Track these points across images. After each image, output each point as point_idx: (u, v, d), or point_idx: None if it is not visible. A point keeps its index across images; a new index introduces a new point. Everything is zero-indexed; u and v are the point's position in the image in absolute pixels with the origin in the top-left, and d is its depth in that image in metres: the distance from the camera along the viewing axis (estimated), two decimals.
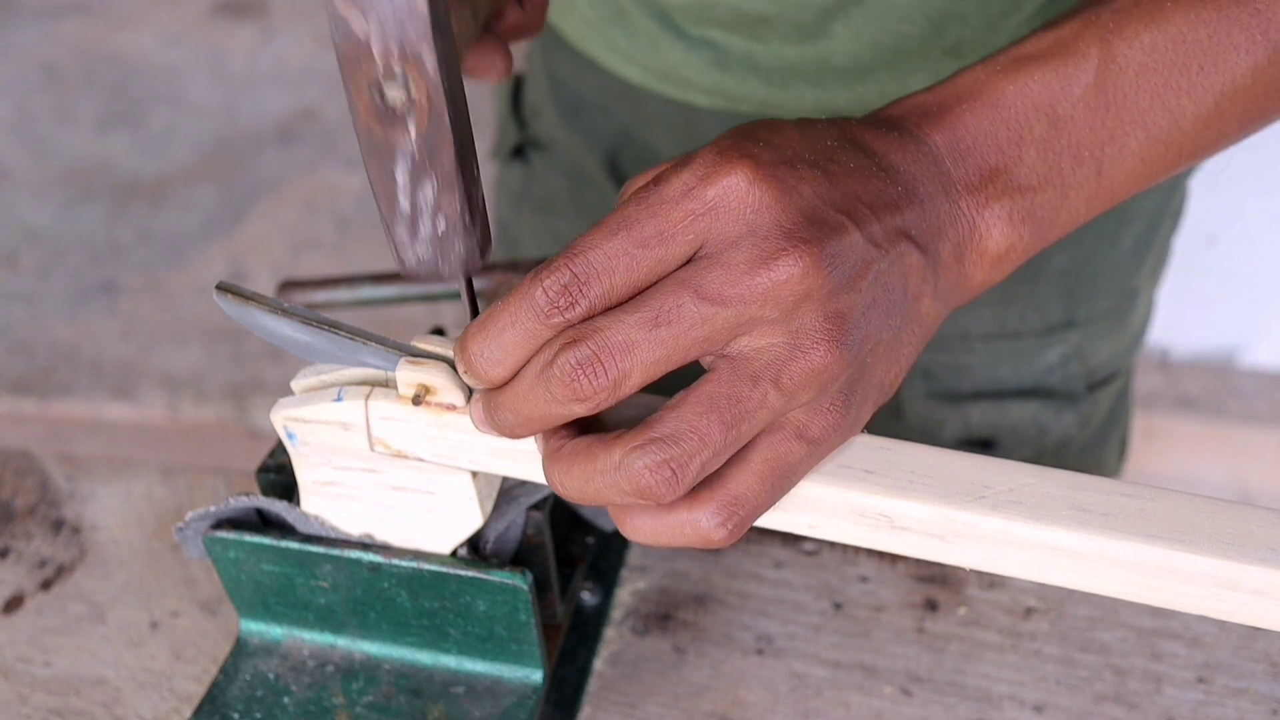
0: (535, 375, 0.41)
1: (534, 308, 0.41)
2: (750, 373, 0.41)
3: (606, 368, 0.40)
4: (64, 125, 2.36)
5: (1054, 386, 0.79)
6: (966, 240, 0.46)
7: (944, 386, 0.77)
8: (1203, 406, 1.71)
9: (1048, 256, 0.75)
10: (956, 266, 0.46)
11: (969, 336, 0.76)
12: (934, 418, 0.77)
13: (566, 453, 0.42)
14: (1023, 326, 0.77)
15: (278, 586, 0.52)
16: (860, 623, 0.59)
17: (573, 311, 0.40)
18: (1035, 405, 0.78)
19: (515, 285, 0.42)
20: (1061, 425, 0.80)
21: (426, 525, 0.50)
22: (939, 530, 0.43)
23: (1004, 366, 0.77)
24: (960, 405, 0.77)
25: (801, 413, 0.42)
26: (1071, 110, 0.47)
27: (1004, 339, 0.77)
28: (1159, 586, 0.42)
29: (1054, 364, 0.78)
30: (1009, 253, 0.47)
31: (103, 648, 0.58)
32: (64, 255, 2.03)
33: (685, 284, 0.40)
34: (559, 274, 0.40)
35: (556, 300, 0.40)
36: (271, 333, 0.46)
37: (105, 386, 1.76)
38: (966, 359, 0.77)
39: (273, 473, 0.54)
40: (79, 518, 0.65)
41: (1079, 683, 0.56)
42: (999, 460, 0.44)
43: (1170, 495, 0.43)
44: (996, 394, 0.78)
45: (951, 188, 0.46)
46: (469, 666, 0.52)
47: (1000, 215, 0.46)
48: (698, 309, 0.40)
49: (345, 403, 0.46)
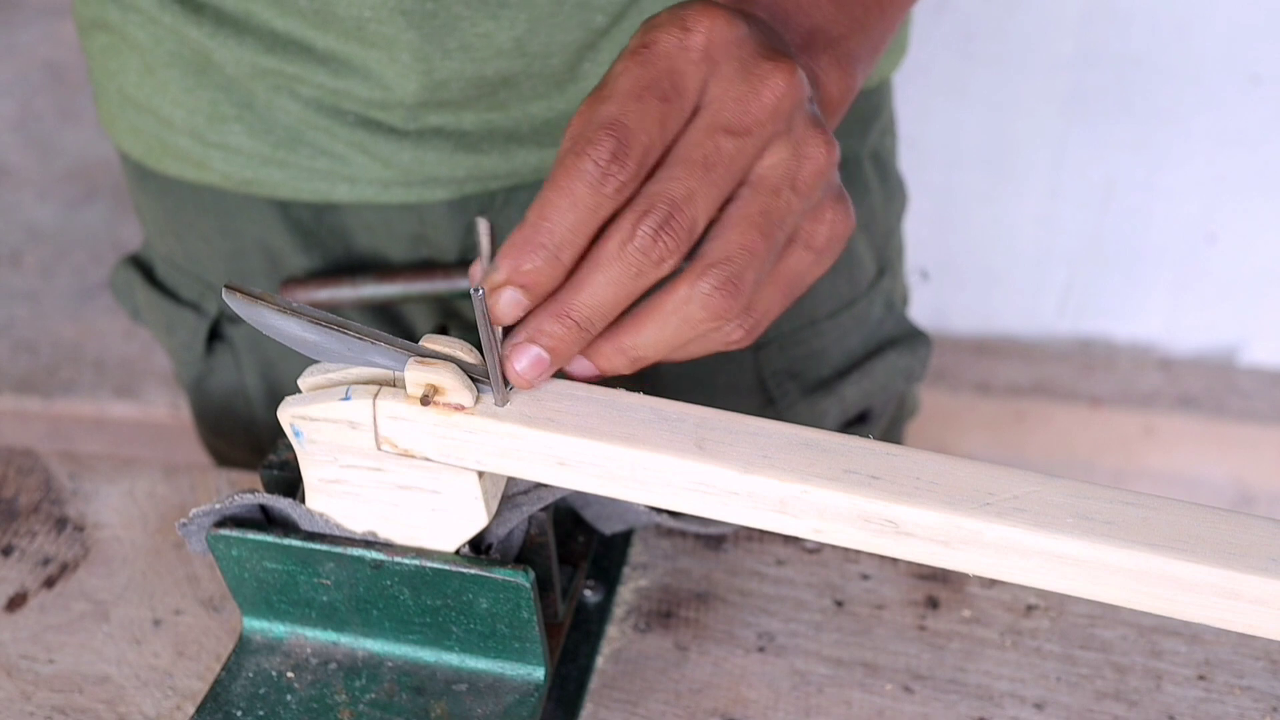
0: (616, 252, 0.42)
1: (589, 181, 0.42)
2: (770, 186, 0.45)
3: (681, 222, 0.42)
4: (67, 124, 2.36)
5: (892, 333, 0.80)
6: (818, 92, 0.50)
7: (813, 378, 0.77)
8: (1203, 405, 1.70)
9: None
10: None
11: (817, 320, 0.77)
12: (814, 411, 0.77)
13: (630, 320, 0.45)
14: (853, 291, 0.78)
15: (280, 584, 0.52)
16: (862, 620, 0.59)
17: (624, 174, 0.42)
18: (892, 356, 0.79)
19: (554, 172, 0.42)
20: (920, 361, 0.81)
21: (431, 524, 0.50)
22: (944, 537, 0.43)
23: (851, 336, 0.78)
24: (833, 389, 0.78)
25: (806, 222, 0.47)
26: None
27: (844, 310, 0.77)
28: (1161, 595, 0.42)
29: (882, 314, 0.80)
30: (843, 96, 0.52)
31: (106, 645, 0.58)
32: (67, 254, 2.03)
33: (714, 126, 0.43)
34: (604, 143, 0.42)
35: (609, 168, 0.42)
36: (280, 332, 0.46)
37: (108, 385, 1.76)
38: (820, 343, 0.77)
39: (276, 469, 0.54)
40: (82, 516, 0.65)
41: (1079, 680, 0.56)
42: (1004, 467, 0.44)
43: (1173, 504, 0.43)
44: (856, 364, 0.79)
45: (783, 45, 0.50)
46: (471, 664, 0.52)
47: (829, 64, 0.51)
48: (733, 143, 0.43)
49: (353, 401, 0.46)
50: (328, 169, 0.70)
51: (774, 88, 0.44)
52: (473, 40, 0.63)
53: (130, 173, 0.79)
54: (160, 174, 0.75)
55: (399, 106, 0.66)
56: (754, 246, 0.44)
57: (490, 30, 0.63)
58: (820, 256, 0.48)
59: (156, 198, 0.77)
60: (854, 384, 0.78)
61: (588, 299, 0.43)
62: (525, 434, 0.45)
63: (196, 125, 0.70)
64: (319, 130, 0.68)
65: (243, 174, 0.71)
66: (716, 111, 0.44)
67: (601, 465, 0.45)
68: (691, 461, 0.44)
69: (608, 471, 0.45)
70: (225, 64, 0.68)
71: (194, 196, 0.74)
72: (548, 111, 0.67)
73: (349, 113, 0.67)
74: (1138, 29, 1.53)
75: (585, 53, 0.65)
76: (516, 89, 0.66)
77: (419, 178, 0.69)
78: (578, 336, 0.44)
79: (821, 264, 0.48)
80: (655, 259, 0.42)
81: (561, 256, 0.43)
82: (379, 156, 0.68)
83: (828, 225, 0.47)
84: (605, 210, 0.43)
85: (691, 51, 0.44)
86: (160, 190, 0.76)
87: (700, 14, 0.44)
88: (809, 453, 0.44)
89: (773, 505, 0.44)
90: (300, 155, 0.70)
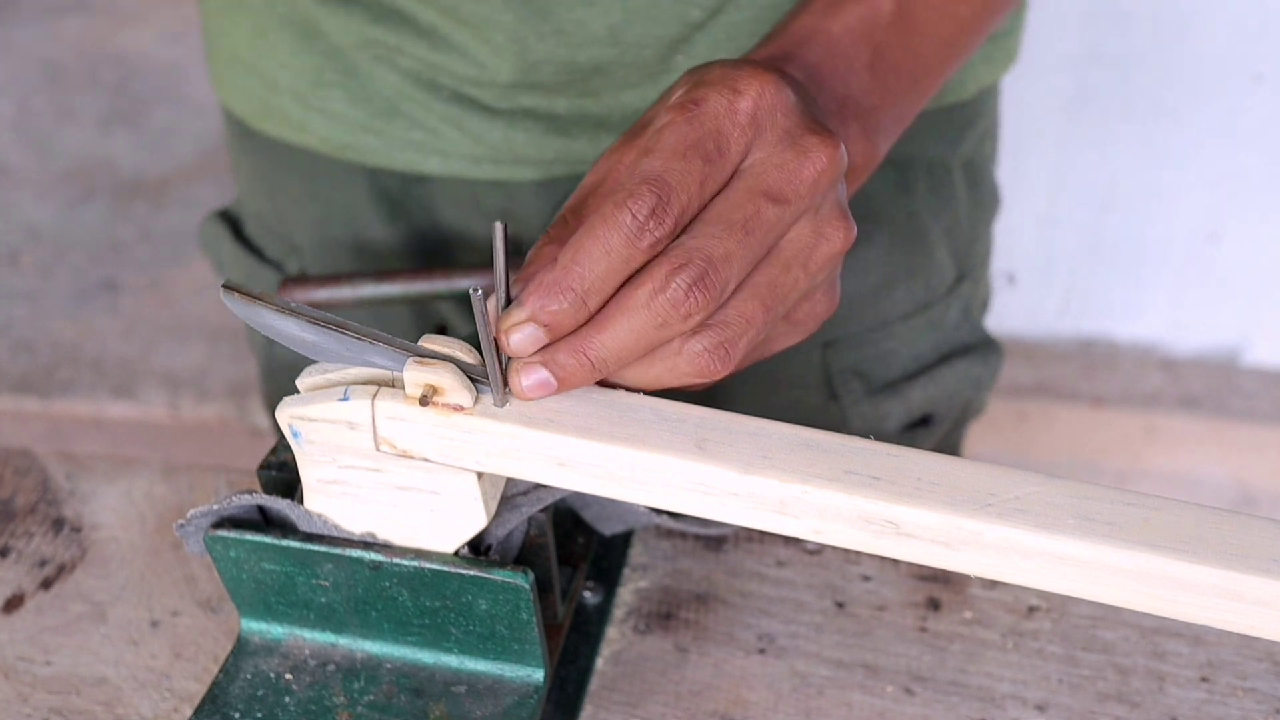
0: (644, 303, 0.43)
1: (626, 233, 0.42)
2: (784, 260, 0.46)
3: (714, 281, 0.43)
4: (65, 123, 2.36)
5: (965, 340, 0.81)
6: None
7: (880, 379, 0.77)
8: (1205, 405, 1.70)
9: (933, 220, 0.77)
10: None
11: (889, 322, 0.77)
12: (878, 413, 0.78)
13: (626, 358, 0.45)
14: (930, 295, 0.78)
15: (278, 585, 0.52)
16: (862, 622, 0.59)
17: (661, 230, 0.43)
18: (963, 364, 0.79)
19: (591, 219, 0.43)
20: (990, 371, 0.82)
21: (430, 525, 0.50)
22: (945, 538, 0.43)
23: (923, 340, 0.78)
24: (899, 391, 0.78)
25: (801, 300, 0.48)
26: (885, 36, 0.55)
27: (919, 313, 0.78)
28: (1162, 596, 0.42)
29: (958, 320, 0.80)
30: (866, 165, 0.54)
31: (103, 647, 0.58)
32: (65, 254, 2.03)
33: (755, 190, 0.44)
34: (644, 198, 0.42)
35: (647, 223, 0.42)
36: (278, 332, 0.46)
37: (107, 385, 1.76)
38: (891, 345, 0.77)
39: (274, 470, 0.54)
40: (79, 517, 0.65)
41: (1082, 682, 0.56)
42: (1005, 468, 0.44)
43: (1175, 505, 0.43)
44: (926, 368, 0.79)
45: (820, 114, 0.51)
46: (470, 666, 0.52)
47: (856, 133, 0.53)
48: (774, 211, 0.44)
49: (352, 402, 0.46)
50: (421, 141, 0.72)
51: (817, 162, 0.45)
52: (567, 25, 0.64)
53: (232, 130, 0.82)
54: (260, 133, 0.78)
55: (493, 85, 0.68)
56: (753, 317, 0.45)
57: (585, 17, 0.64)
58: (796, 329, 0.49)
59: (254, 156, 0.80)
60: (921, 388, 0.78)
61: (608, 341, 0.44)
62: (524, 434, 0.45)
63: (300, 89, 0.73)
64: (415, 103, 0.71)
65: (340, 139, 0.73)
66: (760, 177, 0.45)
67: (601, 466, 0.45)
68: (692, 462, 0.44)
69: (607, 472, 0.45)
70: (332, 32, 0.70)
71: (289, 158, 0.77)
72: (639, 101, 0.68)
73: (445, 88, 0.69)
74: (1140, 28, 1.53)
75: (679, 45, 0.66)
76: (609, 77, 0.67)
77: (508, 156, 0.71)
78: (588, 374, 0.45)
79: (794, 338, 0.50)
80: (683, 314, 0.43)
81: (588, 302, 0.43)
82: (470, 133, 0.70)
83: (814, 305, 0.49)
84: (637, 262, 0.43)
85: (739, 115, 0.45)
86: (258, 149, 0.79)
87: (751, 78, 0.45)
88: (809, 453, 0.44)
89: (773, 506, 0.44)
90: (396, 126, 0.72)
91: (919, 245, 0.76)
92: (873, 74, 0.55)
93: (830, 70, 0.53)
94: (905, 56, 0.56)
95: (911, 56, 0.57)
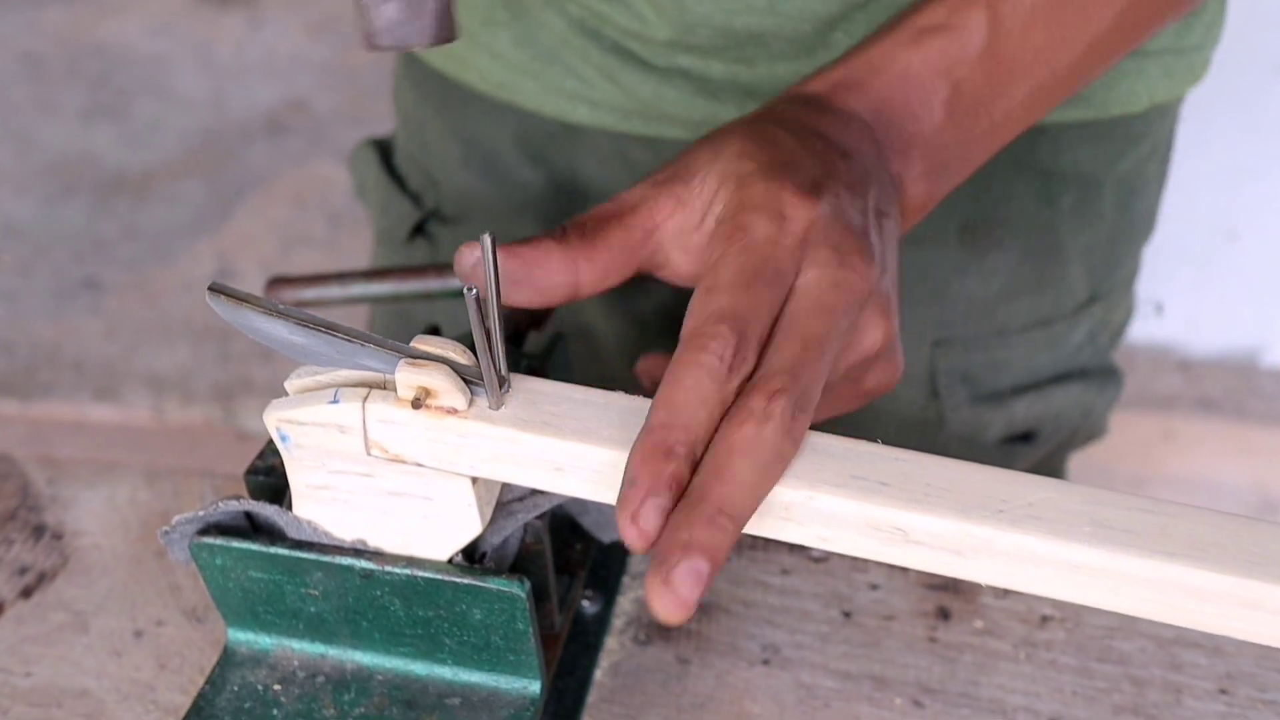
0: (754, 438, 0.42)
1: (717, 376, 0.43)
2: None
3: (809, 400, 0.44)
4: (46, 117, 2.37)
5: (1086, 364, 0.80)
6: (899, 199, 0.53)
7: (987, 388, 0.78)
8: (1224, 408, 1.70)
9: (1072, 235, 0.76)
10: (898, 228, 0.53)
11: (1006, 332, 0.77)
12: (979, 421, 0.78)
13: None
14: (1055, 312, 0.78)
15: (266, 594, 0.52)
16: (870, 632, 0.59)
17: (748, 366, 0.44)
18: (1077, 388, 0.79)
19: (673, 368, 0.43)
20: (1106, 401, 0.81)
21: (422, 532, 0.50)
22: (955, 545, 0.43)
23: (1040, 355, 0.78)
24: (1004, 403, 0.78)
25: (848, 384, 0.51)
26: (969, 72, 0.54)
27: (1039, 327, 0.78)
28: (1180, 605, 0.42)
29: (1082, 341, 0.80)
30: (924, 205, 0.55)
31: (85, 657, 0.58)
32: (46, 251, 2.03)
33: (822, 308, 0.46)
34: (723, 337, 0.43)
35: (731, 361, 0.43)
36: (266, 335, 0.46)
37: (88, 387, 1.76)
38: (1005, 355, 0.77)
39: (262, 475, 0.54)
40: (61, 523, 0.65)
41: (1096, 694, 0.56)
42: (1017, 474, 0.44)
43: (1193, 511, 0.43)
44: (1037, 384, 0.79)
45: (882, 153, 0.53)
46: (464, 677, 0.52)
47: (919, 174, 0.54)
48: (838, 325, 0.46)
49: (342, 405, 0.46)
50: (574, 89, 0.74)
51: (864, 280, 0.47)
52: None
53: (400, 58, 0.86)
54: (424, 64, 0.81)
55: (652, 41, 0.70)
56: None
57: None
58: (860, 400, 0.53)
59: (413, 87, 0.83)
60: (1027, 404, 0.78)
61: (741, 490, 0.41)
62: (521, 438, 0.45)
63: (470, 25, 0.76)
64: (574, 50, 0.73)
65: (498, 78, 0.76)
66: (821, 296, 0.46)
67: (600, 471, 0.45)
68: None
69: (606, 477, 0.45)
70: None
71: (444, 92, 0.80)
72: (792, 75, 0.69)
73: (606, 38, 0.72)
74: None
75: (838, 23, 0.67)
76: (765, 47, 0.68)
77: (657, 113, 0.73)
78: (733, 534, 0.41)
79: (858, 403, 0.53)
80: (795, 439, 0.43)
81: (696, 453, 0.42)
82: (623, 86, 0.73)
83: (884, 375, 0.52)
84: (729, 401, 0.43)
85: (787, 239, 0.47)
86: (419, 79, 0.83)
87: (791, 202, 0.48)
88: (815, 457, 0.44)
89: (777, 512, 0.44)
90: (553, 71, 0.75)
91: (1052, 260, 0.76)
92: (948, 112, 0.54)
93: (901, 104, 0.54)
94: (989, 97, 0.55)
95: (996, 98, 0.56)
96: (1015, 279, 0.75)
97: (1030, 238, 0.75)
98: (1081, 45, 0.56)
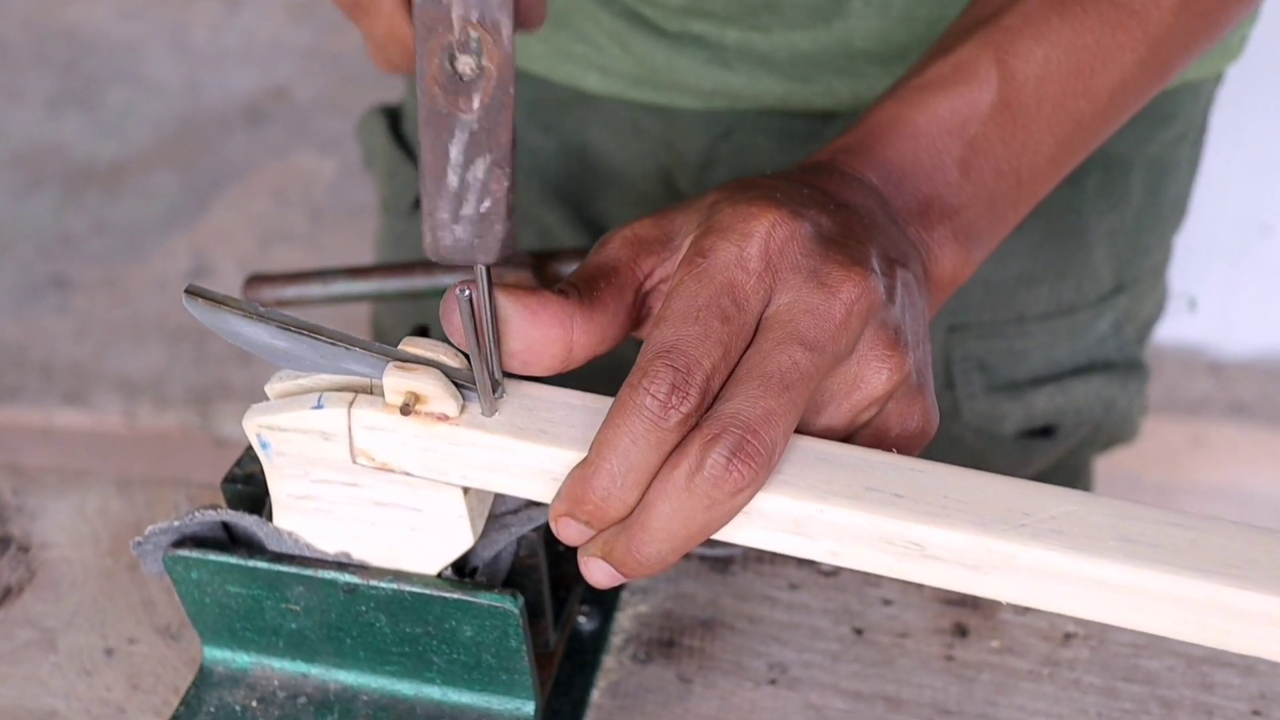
0: (684, 486, 0.42)
1: (649, 416, 0.42)
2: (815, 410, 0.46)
3: (759, 445, 0.42)
4: (11, 105, 2.37)
5: (1110, 356, 0.80)
6: (926, 265, 0.51)
7: (1004, 377, 0.78)
8: (1257, 412, 1.70)
9: (1097, 218, 0.76)
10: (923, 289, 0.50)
11: (1025, 319, 0.77)
12: (995, 412, 0.78)
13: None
14: (1078, 299, 0.78)
15: (244, 610, 0.52)
16: (883, 650, 0.59)
17: (688, 405, 0.42)
18: (1099, 381, 0.79)
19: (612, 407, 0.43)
20: (1128, 396, 0.81)
21: (410, 545, 0.50)
22: (974, 561, 0.43)
23: (1061, 345, 0.78)
24: (1022, 394, 0.78)
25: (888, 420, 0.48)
26: (982, 129, 0.53)
27: (1060, 315, 0.78)
28: (1211, 624, 0.42)
29: (1106, 333, 0.80)
30: (958, 272, 0.53)
31: (53, 677, 0.58)
32: (11, 247, 2.03)
33: (788, 339, 0.43)
34: (660, 375, 0.42)
35: (669, 401, 0.42)
36: (246, 339, 0.46)
37: (56, 391, 1.76)
38: (1023, 344, 0.77)
39: (240, 483, 0.54)
40: (27, 535, 0.65)
41: (1122, 715, 0.56)
42: (1039, 485, 0.44)
43: (1224, 525, 0.43)
44: (1057, 376, 0.79)
45: (896, 217, 0.51)
46: (454, 698, 0.52)
47: (945, 237, 0.52)
48: (809, 359, 0.43)
49: (326, 410, 0.46)
50: (583, 55, 0.76)
51: (847, 296, 0.44)
52: None
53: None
54: None
55: (664, 6, 0.71)
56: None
57: None
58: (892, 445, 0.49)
59: None
60: (1047, 395, 0.78)
61: (656, 536, 0.43)
62: (515, 446, 0.45)
63: None
64: (585, 15, 0.74)
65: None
66: (788, 324, 0.44)
67: None
68: None
69: None
70: None
71: None
72: (808, 43, 0.70)
73: (617, 2, 0.73)
74: None
75: None
76: (779, 14, 0.69)
77: (668, 81, 0.74)
78: (649, 569, 0.44)
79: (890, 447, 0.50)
80: (730, 490, 0.42)
81: (626, 497, 0.43)
82: (634, 52, 0.74)
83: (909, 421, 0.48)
84: (670, 442, 0.43)
85: (750, 262, 0.44)
86: None
87: (758, 218, 0.45)
88: (826, 468, 0.44)
89: (786, 525, 0.44)
90: (561, 35, 0.76)
91: (1075, 244, 0.76)
92: (963, 171, 0.53)
93: (912, 166, 0.53)
94: (1008, 153, 0.54)
95: (1017, 154, 0.54)
96: (1035, 262, 0.76)
97: (1052, 219, 0.75)
98: (1105, 93, 0.55)
